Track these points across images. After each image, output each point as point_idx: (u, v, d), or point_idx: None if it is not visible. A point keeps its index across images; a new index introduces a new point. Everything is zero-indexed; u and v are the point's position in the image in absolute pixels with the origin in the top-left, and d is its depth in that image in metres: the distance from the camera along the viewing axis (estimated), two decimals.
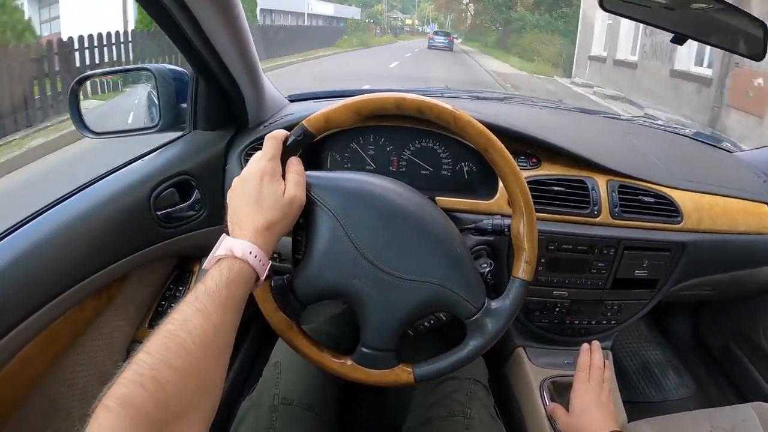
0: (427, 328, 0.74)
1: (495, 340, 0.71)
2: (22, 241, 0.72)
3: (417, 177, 1.03)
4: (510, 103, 1.35)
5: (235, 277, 0.57)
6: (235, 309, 0.56)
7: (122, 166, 0.93)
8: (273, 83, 1.09)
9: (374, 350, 0.70)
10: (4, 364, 0.68)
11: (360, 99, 0.69)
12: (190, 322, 0.50)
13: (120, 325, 0.94)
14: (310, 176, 0.70)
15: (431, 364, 0.72)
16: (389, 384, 0.71)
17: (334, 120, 0.69)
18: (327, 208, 0.68)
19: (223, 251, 0.59)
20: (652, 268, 1.02)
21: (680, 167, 1.11)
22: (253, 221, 0.62)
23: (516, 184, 0.71)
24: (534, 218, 0.72)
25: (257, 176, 0.65)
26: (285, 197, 0.64)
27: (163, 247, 0.92)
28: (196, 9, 0.73)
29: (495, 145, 0.70)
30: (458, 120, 0.70)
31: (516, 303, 0.72)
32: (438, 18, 74.53)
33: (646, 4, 0.99)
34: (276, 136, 0.68)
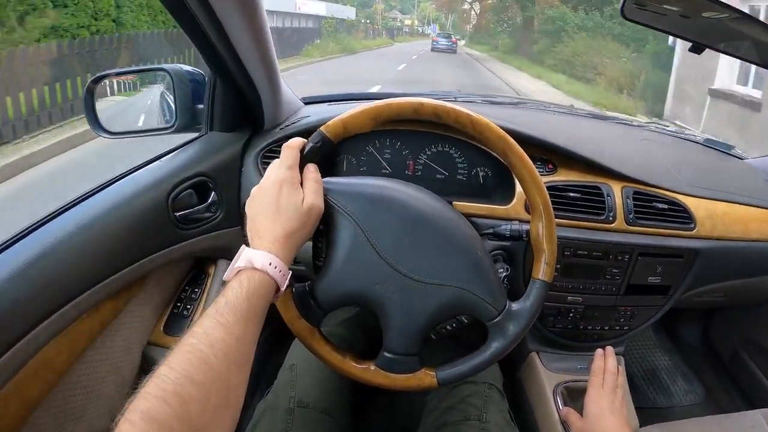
0: (449, 331, 0.74)
1: (517, 342, 0.71)
2: (41, 241, 0.72)
3: (433, 181, 1.03)
4: (524, 108, 1.35)
5: (256, 289, 0.57)
6: (256, 321, 0.57)
7: (140, 167, 0.93)
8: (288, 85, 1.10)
9: (397, 355, 0.70)
10: (24, 364, 0.68)
11: (378, 105, 0.69)
12: (211, 335, 0.51)
13: (136, 327, 0.94)
14: (330, 182, 0.70)
15: (454, 368, 0.72)
16: (412, 388, 0.71)
17: (352, 126, 0.69)
18: (347, 213, 0.68)
19: (243, 263, 0.59)
20: (666, 275, 1.03)
21: (693, 174, 1.12)
22: (272, 231, 0.62)
23: (535, 187, 0.72)
24: (553, 220, 0.73)
25: (276, 186, 0.65)
26: (304, 206, 0.65)
27: (180, 248, 0.92)
28: (220, 11, 0.74)
29: (514, 149, 0.71)
30: (476, 124, 0.70)
31: (537, 304, 0.72)
32: (439, 18, 72.24)
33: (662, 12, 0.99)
34: (293, 145, 0.68)
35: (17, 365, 0.66)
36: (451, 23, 69.82)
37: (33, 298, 0.67)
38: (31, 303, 0.67)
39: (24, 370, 0.68)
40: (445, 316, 0.71)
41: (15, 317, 0.65)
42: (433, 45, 29.16)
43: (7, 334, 0.64)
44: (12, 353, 0.64)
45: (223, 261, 1.03)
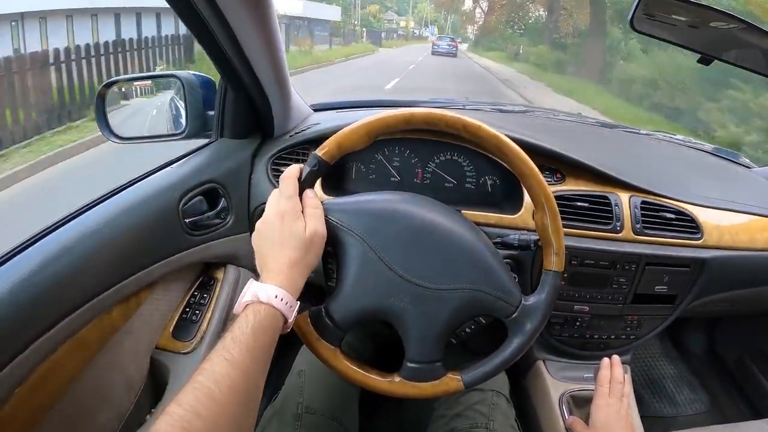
0: (468, 334, 0.74)
1: (536, 335, 0.72)
2: (52, 247, 0.72)
3: (441, 190, 1.04)
4: (532, 116, 1.35)
5: (261, 323, 0.59)
6: (263, 354, 0.58)
7: (150, 173, 0.94)
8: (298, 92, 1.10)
9: (421, 363, 0.71)
10: (35, 369, 0.69)
11: (369, 121, 0.70)
12: (217, 371, 0.53)
13: (145, 332, 0.95)
14: (331, 204, 0.71)
15: (478, 369, 0.73)
16: (440, 394, 0.72)
17: (345, 145, 0.70)
18: (353, 232, 0.69)
19: (250, 297, 0.61)
20: (672, 284, 1.03)
21: (701, 183, 1.12)
22: (277, 262, 0.64)
23: (534, 180, 0.72)
24: (556, 210, 0.73)
25: (277, 218, 0.66)
26: (306, 234, 0.66)
27: (190, 254, 0.93)
28: (233, 20, 0.74)
29: (507, 145, 0.72)
30: (468, 126, 0.71)
31: (551, 295, 0.73)
32: (437, 20, 68.75)
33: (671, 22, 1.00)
34: (290, 175, 0.69)
35: (29, 369, 0.67)
36: (451, 25, 67.26)
37: (44, 303, 0.68)
38: (42, 308, 0.68)
39: (35, 375, 0.69)
40: (463, 319, 0.72)
41: (27, 322, 0.66)
42: (434, 49, 28.72)
43: (18, 339, 0.65)
44: (23, 357, 0.65)
45: (231, 267, 1.04)
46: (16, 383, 0.66)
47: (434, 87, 12.26)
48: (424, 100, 1.34)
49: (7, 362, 0.63)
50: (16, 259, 0.69)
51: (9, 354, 0.63)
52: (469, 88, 12.47)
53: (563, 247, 0.74)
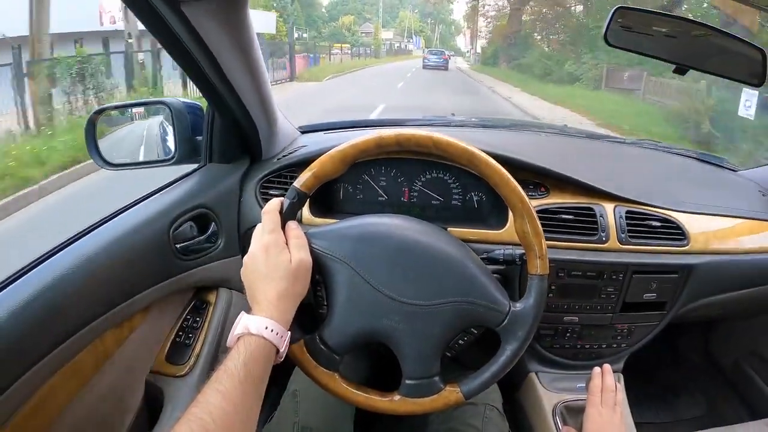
0: (462, 346, 0.75)
1: (529, 340, 0.73)
2: (46, 275, 0.74)
3: (428, 207, 1.05)
4: (517, 130, 1.37)
5: (253, 354, 0.61)
6: (255, 385, 0.60)
7: (140, 200, 0.95)
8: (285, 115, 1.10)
9: (418, 379, 0.72)
10: (30, 396, 0.70)
11: (341, 149, 0.73)
12: (211, 404, 0.55)
13: (139, 356, 0.95)
14: (314, 232, 0.73)
15: (476, 379, 0.74)
16: (441, 408, 0.73)
17: (322, 174, 0.72)
18: (338, 258, 0.71)
19: (241, 329, 0.63)
20: (661, 291, 1.04)
21: (686, 190, 1.13)
22: (265, 295, 0.66)
23: (508, 187, 0.74)
24: (533, 213, 0.74)
25: (262, 251, 0.68)
26: (292, 264, 0.68)
27: (182, 279, 0.94)
28: (215, 48, 0.77)
29: (478, 157, 0.73)
30: (438, 143, 0.72)
31: (539, 299, 0.74)
32: (423, 30, 62.50)
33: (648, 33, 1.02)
34: (271, 209, 0.71)
35: (24, 397, 0.69)
36: (439, 36, 63.02)
37: (39, 331, 0.69)
38: (36, 336, 0.69)
39: (32, 401, 0.70)
40: (455, 332, 0.73)
41: (21, 350, 0.67)
42: (425, 63, 28.03)
43: (13, 367, 0.66)
44: (19, 385, 0.66)
45: (223, 290, 1.05)
46: (12, 410, 0.67)
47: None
48: (412, 119, 1.35)
49: (4, 388, 0.64)
50: (11, 287, 0.71)
51: (6, 381, 0.65)
52: None
53: (545, 249, 0.75)
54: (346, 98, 11.83)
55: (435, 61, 27.60)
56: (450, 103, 11.35)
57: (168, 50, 0.79)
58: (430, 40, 63.08)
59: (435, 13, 57.84)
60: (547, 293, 0.75)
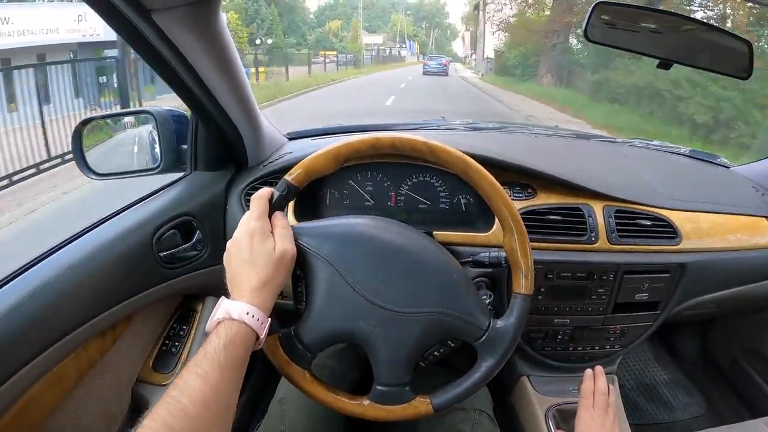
0: (437, 357, 0.75)
1: (506, 359, 0.72)
2: (29, 283, 0.74)
3: (415, 211, 1.05)
4: (506, 132, 1.36)
5: (233, 339, 0.60)
6: (235, 370, 0.59)
7: (125, 209, 0.95)
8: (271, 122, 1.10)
9: (389, 386, 0.71)
10: (12, 404, 0.70)
11: (336, 146, 0.72)
12: (190, 386, 0.54)
13: (124, 365, 0.95)
14: (300, 228, 0.73)
15: (448, 392, 0.73)
16: (409, 418, 0.72)
17: (313, 169, 0.72)
18: (320, 256, 0.70)
19: (222, 314, 0.62)
20: (653, 291, 1.03)
21: (677, 187, 1.12)
22: (248, 281, 0.65)
23: (500, 201, 0.73)
24: (524, 231, 0.73)
25: (247, 237, 0.67)
26: (276, 253, 0.67)
27: (167, 287, 0.93)
28: (191, 56, 0.76)
29: (473, 167, 0.73)
30: (433, 149, 0.72)
31: (521, 318, 0.72)
32: (418, 35, 58.20)
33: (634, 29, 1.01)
34: (261, 196, 0.71)
35: (6, 404, 0.68)
36: (435, 41, 59.43)
37: (21, 339, 0.69)
38: (18, 343, 0.69)
39: (12, 409, 0.70)
40: (431, 342, 0.72)
41: (2, 358, 0.67)
42: (425, 69, 28.84)
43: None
44: (0, 392, 0.66)
45: (210, 298, 1.04)
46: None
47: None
48: (400, 123, 1.35)
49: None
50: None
51: None
52: None
53: (532, 269, 0.74)
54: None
55: (435, 67, 28.58)
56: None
57: (145, 60, 0.79)
58: (425, 45, 59.44)
59: (430, 16, 54.60)
60: (529, 312, 0.74)
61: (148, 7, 0.67)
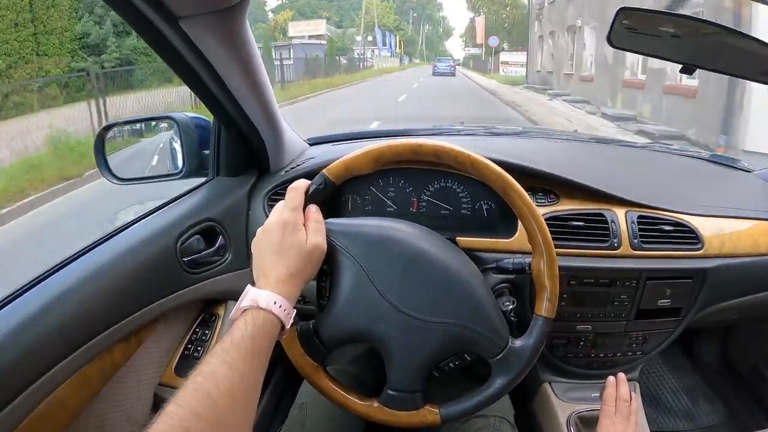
0: (452, 368, 0.75)
1: (520, 379, 0.72)
2: (55, 287, 0.75)
3: (437, 217, 1.04)
4: (526, 137, 1.36)
5: (260, 328, 0.60)
6: (261, 359, 0.59)
7: (149, 214, 0.96)
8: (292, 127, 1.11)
9: (400, 392, 0.71)
10: (37, 406, 0.70)
11: (380, 147, 0.72)
12: (217, 373, 0.53)
13: (147, 369, 0.96)
14: (333, 224, 0.73)
15: (457, 405, 0.73)
16: (415, 425, 0.72)
17: (354, 168, 0.72)
18: (350, 254, 0.70)
19: (248, 302, 0.61)
20: (675, 297, 1.01)
21: (698, 192, 1.11)
22: (276, 271, 0.65)
23: (535, 224, 0.73)
24: (554, 256, 0.74)
25: (279, 227, 0.67)
26: (307, 246, 0.67)
27: (190, 292, 0.94)
28: (217, 64, 0.77)
29: (513, 186, 0.73)
30: (475, 164, 0.72)
31: (539, 341, 0.72)
32: (402, 29, 43.46)
33: (654, 33, 1.01)
34: (298, 187, 0.71)
35: (31, 407, 0.69)
36: (425, 40, 47.20)
37: (47, 343, 0.70)
38: (45, 347, 0.70)
39: (37, 412, 0.70)
40: (447, 354, 0.72)
41: (29, 361, 0.68)
42: (434, 70, 31.60)
43: (21, 378, 0.67)
44: (26, 395, 0.67)
45: (232, 303, 1.05)
46: (19, 421, 0.67)
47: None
48: (419, 128, 1.35)
49: (9, 401, 0.65)
50: (19, 300, 0.72)
51: (11, 393, 0.65)
52: None
53: (557, 294, 0.74)
54: None
55: (443, 69, 31.73)
56: None
57: (169, 65, 0.80)
58: (413, 42, 46.43)
59: (419, 7, 42.53)
60: (548, 335, 0.74)
61: (176, 14, 0.68)
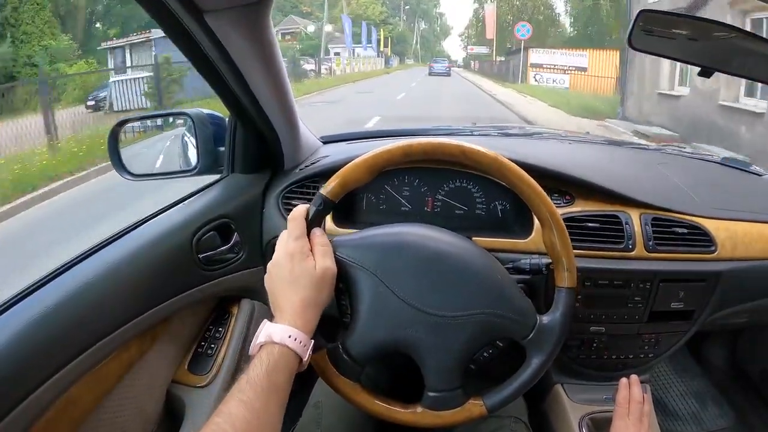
0: (487, 358, 0.74)
1: (555, 354, 0.72)
2: (70, 283, 0.75)
3: (452, 217, 1.05)
4: (539, 138, 1.36)
5: (276, 363, 0.60)
6: (279, 394, 0.60)
7: (164, 210, 0.96)
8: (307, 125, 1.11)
9: (441, 392, 0.71)
10: (52, 403, 0.70)
11: (369, 156, 0.72)
12: (234, 414, 0.55)
13: (161, 366, 0.96)
14: (339, 241, 0.73)
15: (500, 392, 0.73)
16: (464, 421, 0.72)
17: (349, 182, 0.72)
18: (363, 267, 0.70)
19: (264, 338, 0.62)
20: (689, 300, 1.01)
21: (712, 195, 1.11)
22: (291, 303, 0.65)
23: (537, 198, 0.73)
24: (563, 226, 0.73)
25: (287, 258, 0.67)
26: (317, 272, 0.67)
27: (205, 289, 0.94)
28: (239, 60, 0.77)
29: (508, 167, 0.72)
30: (467, 153, 0.72)
31: (567, 312, 0.72)
32: (390, 23, 36.71)
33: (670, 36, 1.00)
34: (297, 216, 0.71)
35: (46, 403, 0.69)
36: (420, 40, 41.01)
37: (62, 339, 0.70)
38: (60, 343, 0.70)
39: (53, 408, 0.71)
40: (480, 344, 0.72)
41: (45, 357, 0.68)
42: (430, 70, 31.70)
43: (37, 374, 0.67)
44: (42, 391, 0.67)
45: (246, 300, 1.05)
46: (34, 417, 0.67)
47: None
48: (433, 128, 1.35)
49: (23, 398, 0.65)
50: (34, 296, 0.72)
51: (26, 390, 0.65)
52: None
53: (574, 262, 0.74)
54: None
55: (439, 69, 31.68)
56: None
57: (190, 60, 0.79)
58: (403, 39, 39.73)
59: (414, 1, 37.51)
60: (574, 306, 0.74)
61: (202, 8, 0.67)
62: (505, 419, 0.90)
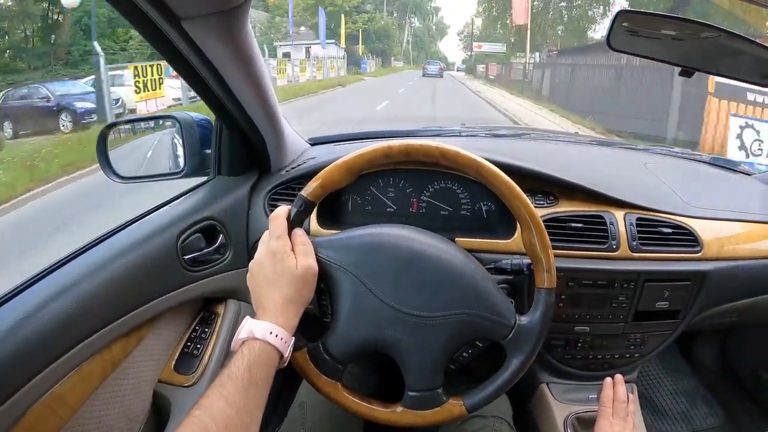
0: (466, 358, 0.75)
1: (534, 354, 0.73)
2: (56, 283, 0.75)
3: (437, 218, 1.05)
4: (526, 139, 1.36)
5: (257, 359, 0.61)
6: (259, 390, 0.61)
7: (150, 212, 0.97)
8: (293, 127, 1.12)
9: (421, 392, 0.72)
10: (36, 402, 0.71)
11: (349, 158, 0.73)
12: (214, 407, 0.56)
13: (147, 366, 0.96)
14: (320, 242, 0.73)
15: (480, 392, 0.74)
16: (443, 421, 0.73)
17: (328, 184, 0.73)
18: (343, 268, 0.71)
19: (245, 334, 0.63)
20: (674, 299, 1.02)
21: (698, 195, 1.11)
22: (272, 300, 0.67)
23: (515, 199, 0.74)
24: (542, 227, 0.74)
25: (269, 257, 0.69)
26: (298, 270, 0.68)
27: (190, 290, 0.95)
28: (220, 65, 0.78)
29: (486, 168, 0.73)
30: (445, 154, 0.73)
31: (546, 312, 0.73)
32: (374, 20, 31.72)
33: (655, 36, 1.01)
34: (278, 215, 0.72)
35: (31, 401, 0.70)
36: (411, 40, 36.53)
37: (47, 339, 0.71)
38: (45, 343, 0.70)
39: (37, 407, 0.71)
40: (459, 344, 0.73)
41: (30, 357, 0.68)
42: (425, 72, 33.31)
43: (21, 372, 0.67)
44: (26, 390, 0.67)
45: (232, 301, 1.05)
46: (18, 415, 0.68)
47: None
48: (422, 129, 1.35)
49: (9, 395, 0.65)
50: (20, 296, 0.72)
51: (11, 388, 0.66)
52: None
53: (553, 263, 0.74)
54: None
55: (432, 71, 33.29)
56: None
57: (172, 65, 0.80)
58: (389, 35, 34.90)
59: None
60: (554, 307, 0.74)
61: (179, 15, 0.68)
62: (489, 419, 0.91)
